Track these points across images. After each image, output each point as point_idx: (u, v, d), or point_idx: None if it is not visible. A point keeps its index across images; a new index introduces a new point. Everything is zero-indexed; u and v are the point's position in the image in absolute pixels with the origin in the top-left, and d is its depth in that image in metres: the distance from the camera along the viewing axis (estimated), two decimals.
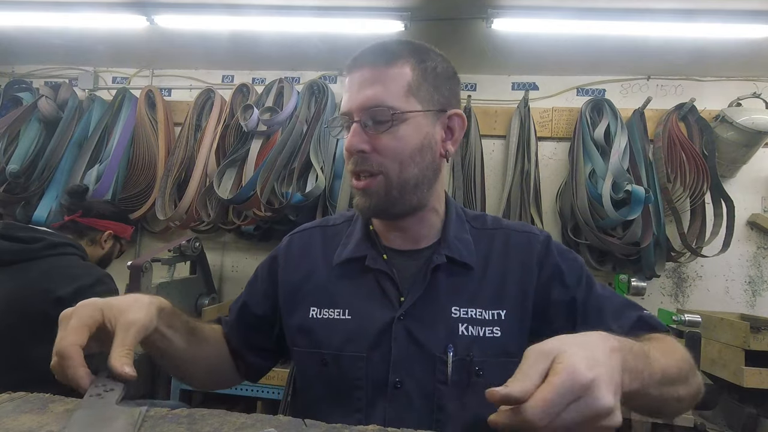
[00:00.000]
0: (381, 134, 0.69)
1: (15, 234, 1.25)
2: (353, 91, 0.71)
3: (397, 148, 0.69)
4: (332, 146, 2.22)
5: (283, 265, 0.82)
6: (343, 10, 1.93)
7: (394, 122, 0.68)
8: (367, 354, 0.71)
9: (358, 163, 0.70)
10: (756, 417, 1.73)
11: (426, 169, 0.72)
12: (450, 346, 0.69)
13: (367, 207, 0.71)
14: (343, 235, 0.82)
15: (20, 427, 0.44)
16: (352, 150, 0.69)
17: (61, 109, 2.41)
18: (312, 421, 0.49)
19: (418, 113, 0.70)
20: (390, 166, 0.69)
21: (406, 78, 0.70)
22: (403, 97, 0.69)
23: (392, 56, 0.70)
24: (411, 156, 0.70)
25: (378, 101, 0.68)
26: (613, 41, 2.01)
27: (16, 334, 1.15)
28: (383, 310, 0.73)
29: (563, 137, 2.32)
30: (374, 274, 0.75)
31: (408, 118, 0.69)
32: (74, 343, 0.51)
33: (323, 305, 0.76)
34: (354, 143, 0.69)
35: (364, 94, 0.69)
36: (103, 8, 2.00)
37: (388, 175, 0.69)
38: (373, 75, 0.70)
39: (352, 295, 0.75)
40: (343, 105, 0.73)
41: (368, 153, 0.69)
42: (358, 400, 0.70)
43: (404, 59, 0.70)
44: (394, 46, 0.72)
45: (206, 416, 0.49)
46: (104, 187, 2.25)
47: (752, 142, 2.05)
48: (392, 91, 0.69)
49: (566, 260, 0.76)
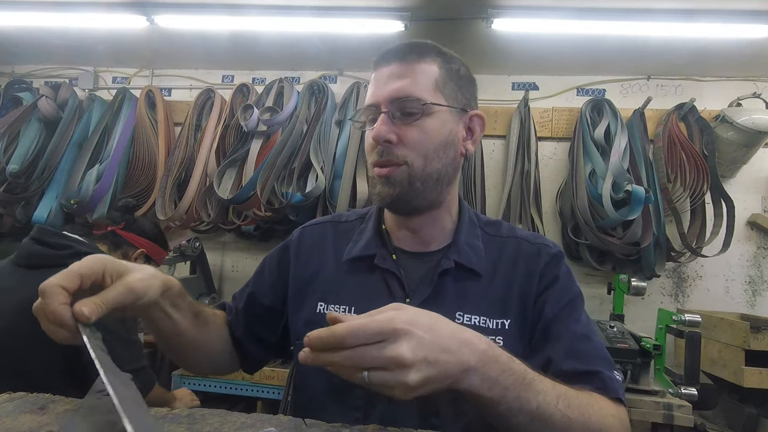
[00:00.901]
0: (408, 126, 0.70)
1: (47, 239, 1.25)
2: (381, 83, 0.72)
3: (423, 140, 0.70)
4: (332, 146, 2.22)
5: (294, 259, 0.82)
6: (343, 10, 1.93)
7: (422, 114, 0.70)
8: None
9: (383, 154, 0.70)
10: (756, 417, 1.73)
11: (448, 165, 0.73)
12: None
13: (389, 195, 0.71)
14: (355, 232, 0.82)
15: (20, 427, 0.44)
16: (378, 139, 0.69)
17: (61, 109, 2.41)
18: (312, 421, 0.50)
19: (444, 108, 0.72)
20: (415, 158, 0.70)
21: (434, 74, 0.72)
22: (431, 91, 0.71)
23: (421, 53, 0.73)
24: (436, 150, 0.71)
25: (407, 93, 0.70)
26: (613, 41, 2.02)
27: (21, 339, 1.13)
28: None
29: (563, 137, 2.32)
30: (382, 273, 0.75)
31: (434, 111, 0.71)
32: (58, 284, 0.50)
33: (330, 301, 0.76)
34: (382, 133, 0.69)
35: (393, 86, 0.70)
36: (103, 8, 2.00)
37: (412, 167, 0.70)
38: (403, 69, 0.71)
39: (359, 292, 0.75)
40: (368, 97, 0.74)
41: (394, 144, 0.70)
42: (358, 398, 0.70)
43: (432, 57, 0.73)
44: (422, 44, 0.74)
45: (206, 416, 0.49)
46: (104, 187, 2.25)
47: (752, 142, 2.05)
48: (421, 84, 0.70)
49: (567, 279, 0.75)
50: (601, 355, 0.69)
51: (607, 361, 0.69)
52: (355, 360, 0.44)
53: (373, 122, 0.72)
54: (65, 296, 0.50)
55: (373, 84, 0.73)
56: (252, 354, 0.84)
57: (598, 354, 0.69)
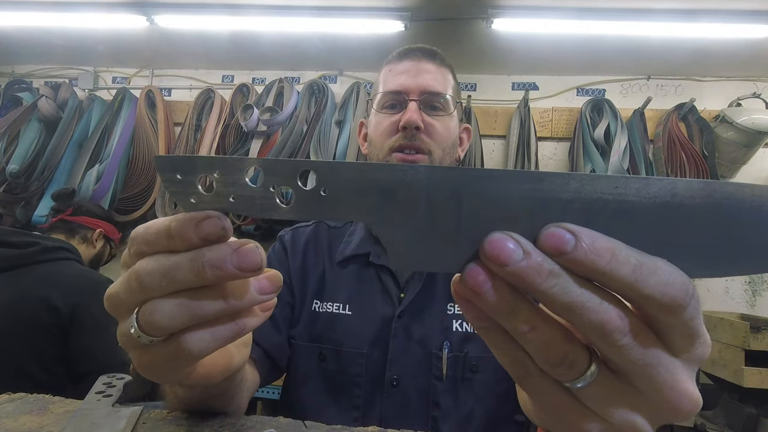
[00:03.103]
0: (433, 119, 0.75)
1: (7, 239, 1.21)
2: (412, 73, 0.76)
3: (445, 134, 0.76)
4: (332, 146, 2.22)
5: (291, 251, 0.82)
6: (343, 10, 1.93)
7: (446, 112, 0.76)
8: (367, 350, 0.71)
9: (410, 138, 0.74)
10: (756, 417, 1.73)
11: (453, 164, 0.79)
12: (446, 343, 0.70)
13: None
14: (346, 231, 0.83)
15: (20, 428, 0.44)
16: (411, 124, 0.73)
17: (61, 109, 2.41)
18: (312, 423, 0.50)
19: (455, 114, 0.79)
20: (436, 149, 0.75)
21: (451, 81, 0.80)
22: (452, 94, 0.78)
23: (443, 60, 0.80)
24: (451, 146, 0.78)
25: (439, 89, 0.76)
26: (613, 41, 2.01)
27: (12, 344, 1.12)
28: (384, 306, 0.73)
29: (563, 137, 2.32)
30: (376, 269, 0.76)
31: (453, 113, 0.78)
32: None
33: (325, 298, 0.76)
34: (415, 118, 0.73)
35: (427, 79, 0.76)
36: (103, 8, 2.00)
37: (432, 157, 0.75)
38: (433, 67, 0.77)
39: (354, 290, 0.76)
40: (396, 85, 0.77)
41: (421, 131, 0.74)
42: (357, 397, 0.70)
43: (447, 67, 0.80)
44: (438, 53, 0.81)
45: (206, 418, 0.49)
46: (104, 187, 2.25)
47: (752, 142, 2.05)
48: (446, 86, 0.78)
49: None
50: None
51: None
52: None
53: (393, 108, 0.77)
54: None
55: (399, 73, 0.77)
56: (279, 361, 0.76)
57: None
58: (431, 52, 0.79)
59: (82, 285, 1.22)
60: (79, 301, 1.16)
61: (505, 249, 0.21)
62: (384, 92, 0.78)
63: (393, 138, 0.74)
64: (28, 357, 1.11)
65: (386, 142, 0.75)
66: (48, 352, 1.13)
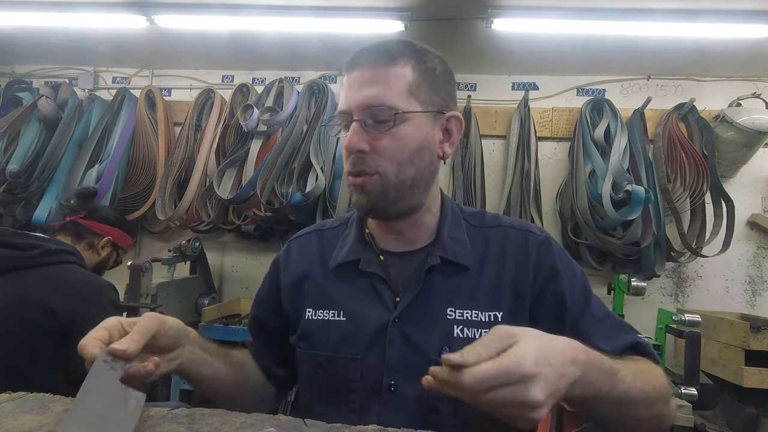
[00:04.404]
0: (381, 134, 0.67)
1: (9, 241, 1.19)
2: (353, 89, 0.69)
3: (396, 148, 0.68)
4: (332, 146, 2.22)
5: (284, 269, 0.82)
6: (343, 10, 1.93)
7: (395, 122, 0.67)
8: (361, 356, 0.70)
9: (356, 164, 0.69)
10: (756, 417, 1.72)
11: (423, 171, 0.71)
12: (445, 348, 0.68)
13: (365, 204, 0.70)
14: (339, 237, 0.81)
15: (20, 427, 0.44)
16: (351, 149, 0.68)
17: (61, 109, 2.41)
18: (312, 421, 0.50)
19: (419, 114, 0.69)
20: (388, 168, 0.68)
21: (407, 78, 0.68)
22: (404, 98, 0.68)
23: (394, 56, 0.69)
24: (410, 157, 0.69)
25: (379, 100, 0.67)
26: (613, 41, 2.01)
27: (11, 346, 1.11)
28: (378, 311, 0.72)
29: (563, 137, 2.32)
30: (368, 276, 0.74)
31: (408, 118, 0.68)
32: (94, 336, 0.53)
33: (319, 306, 0.75)
34: (354, 142, 0.67)
35: (365, 93, 0.67)
36: (103, 8, 2.00)
37: (385, 176, 0.69)
38: (375, 74, 0.68)
39: (348, 296, 0.75)
40: (341, 103, 0.71)
41: (367, 153, 0.68)
42: (353, 402, 0.70)
43: (405, 59, 0.69)
44: (395, 45, 0.71)
45: (206, 416, 0.49)
46: (104, 187, 2.25)
47: (752, 142, 2.05)
48: (394, 90, 0.67)
49: (565, 266, 0.74)
50: (621, 324, 0.74)
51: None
52: (485, 401, 0.45)
53: (347, 128, 0.70)
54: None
55: (345, 89, 0.71)
56: (277, 375, 0.84)
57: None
58: (381, 51, 0.70)
59: (83, 289, 1.20)
60: (78, 306, 1.15)
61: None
62: (334, 116, 0.75)
63: (348, 162, 0.71)
64: (26, 360, 1.11)
65: (345, 165, 0.73)
66: (46, 355, 1.12)
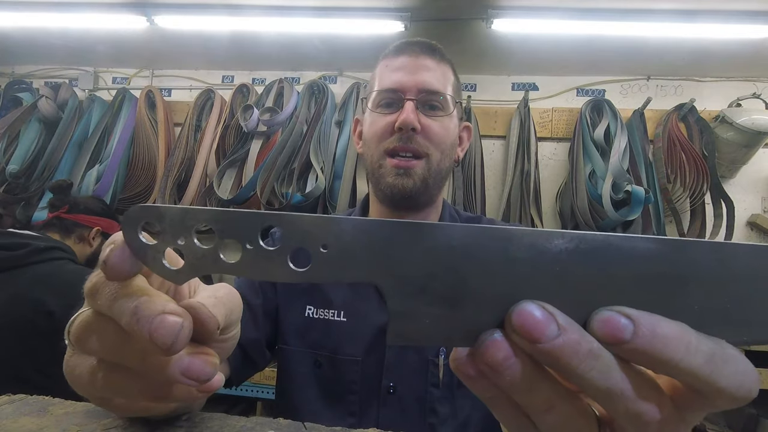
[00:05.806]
0: (432, 119, 0.71)
1: None
2: (409, 70, 0.71)
3: (443, 135, 0.72)
4: (332, 147, 2.22)
5: None
6: (343, 11, 1.93)
7: (445, 112, 0.72)
8: (362, 357, 0.71)
9: (406, 140, 0.69)
10: (756, 417, 1.73)
11: (450, 166, 0.75)
12: (442, 350, 0.69)
13: (410, 187, 0.70)
14: None
15: (20, 429, 0.44)
16: (407, 125, 0.68)
17: (61, 109, 2.41)
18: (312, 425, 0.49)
19: (455, 113, 0.75)
20: (434, 152, 0.71)
21: (452, 78, 0.75)
22: (452, 93, 0.74)
23: (443, 54, 0.75)
24: (450, 147, 0.74)
25: (438, 87, 0.71)
26: (613, 41, 2.01)
27: (5, 347, 1.10)
28: (378, 313, 0.72)
29: (563, 137, 2.32)
30: None
31: (452, 113, 0.73)
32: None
33: (319, 305, 0.75)
34: (411, 119, 0.68)
35: (425, 77, 0.71)
36: (103, 8, 2.00)
37: (430, 160, 0.71)
38: (432, 64, 0.72)
39: (348, 296, 0.75)
40: (391, 82, 0.72)
41: (417, 133, 0.70)
42: (352, 403, 0.70)
43: (448, 63, 0.76)
44: (438, 47, 0.76)
45: (205, 419, 0.49)
46: (104, 187, 2.25)
47: (752, 142, 2.05)
48: (446, 84, 0.73)
49: None
50: None
51: None
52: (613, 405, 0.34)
53: (389, 106, 0.72)
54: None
55: (396, 70, 0.72)
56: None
57: None
58: (431, 47, 0.74)
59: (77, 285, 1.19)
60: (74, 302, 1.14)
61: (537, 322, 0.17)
62: (380, 90, 0.73)
63: (388, 140, 0.71)
64: (25, 361, 1.10)
65: (381, 143, 0.72)
66: (44, 355, 1.11)
